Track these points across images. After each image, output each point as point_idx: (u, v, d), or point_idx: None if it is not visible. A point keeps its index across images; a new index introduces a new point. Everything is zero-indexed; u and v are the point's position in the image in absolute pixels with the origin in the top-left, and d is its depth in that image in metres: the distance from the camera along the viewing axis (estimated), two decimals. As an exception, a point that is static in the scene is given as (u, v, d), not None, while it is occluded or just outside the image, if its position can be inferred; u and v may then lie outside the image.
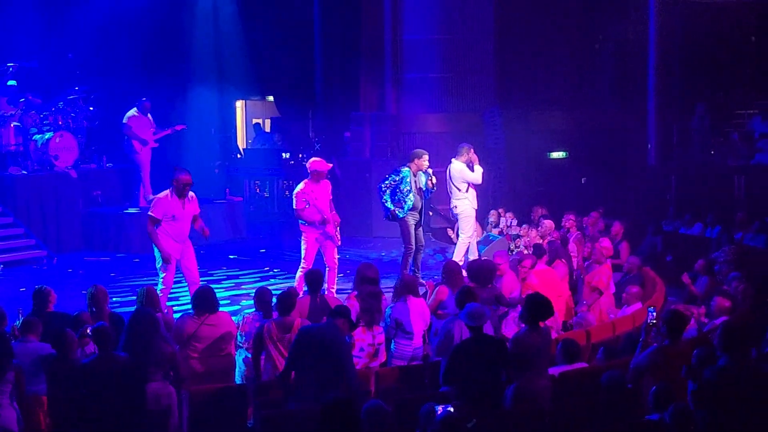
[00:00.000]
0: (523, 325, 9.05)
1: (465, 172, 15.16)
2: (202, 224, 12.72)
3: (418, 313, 10.76)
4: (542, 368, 8.84)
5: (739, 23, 25.00)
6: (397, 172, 14.33)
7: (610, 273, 14.05)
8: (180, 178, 12.44)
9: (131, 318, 9.03)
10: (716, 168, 22.26)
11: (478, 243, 15.86)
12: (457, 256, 15.03)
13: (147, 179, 18.54)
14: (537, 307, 8.99)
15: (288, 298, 9.90)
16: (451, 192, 15.42)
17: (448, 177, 15.39)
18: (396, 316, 10.62)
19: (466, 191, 15.17)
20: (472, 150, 15.32)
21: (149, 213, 12.51)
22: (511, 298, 12.13)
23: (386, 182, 14.29)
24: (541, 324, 9.01)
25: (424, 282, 13.42)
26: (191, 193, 12.64)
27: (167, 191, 12.53)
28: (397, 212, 14.20)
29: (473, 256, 14.93)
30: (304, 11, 23.87)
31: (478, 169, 15.23)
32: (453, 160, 15.34)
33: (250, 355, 10.12)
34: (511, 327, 11.53)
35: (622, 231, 16.46)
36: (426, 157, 14.46)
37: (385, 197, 14.22)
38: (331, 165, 13.66)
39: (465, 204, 15.22)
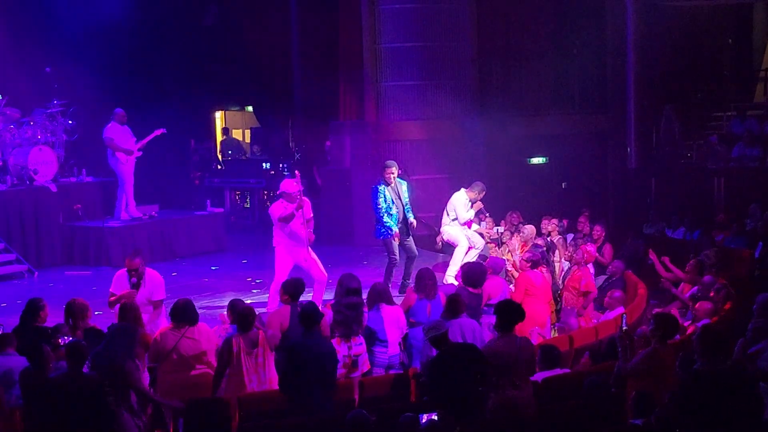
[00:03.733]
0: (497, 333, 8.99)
1: (460, 207, 14.96)
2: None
3: (393, 320, 10.77)
4: (520, 377, 8.72)
5: (716, 26, 25.11)
6: (376, 191, 14.24)
7: (590, 276, 14.08)
8: (127, 264, 11.78)
9: (112, 331, 9.01)
10: (696, 170, 22.34)
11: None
12: (453, 266, 14.85)
13: (131, 191, 18.46)
14: (509, 313, 8.94)
15: (248, 315, 9.83)
16: (444, 217, 15.32)
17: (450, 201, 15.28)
18: (369, 325, 10.63)
19: (454, 219, 15.10)
20: (483, 194, 15.05)
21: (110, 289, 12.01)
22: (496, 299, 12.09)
23: (377, 205, 14.20)
24: (518, 333, 8.96)
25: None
26: (156, 276, 11.94)
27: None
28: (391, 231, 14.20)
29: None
30: (281, 20, 23.86)
31: (471, 214, 15.03)
32: (463, 189, 15.20)
33: None
34: (485, 333, 11.51)
35: (604, 233, 16.50)
36: (392, 168, 14.24)
37: (386, 221, 14.18)
38: (301, 187, 13.41)
39: (453, 229, 15.12)
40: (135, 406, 8.88)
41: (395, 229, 14.17)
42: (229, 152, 25.86)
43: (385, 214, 14.12)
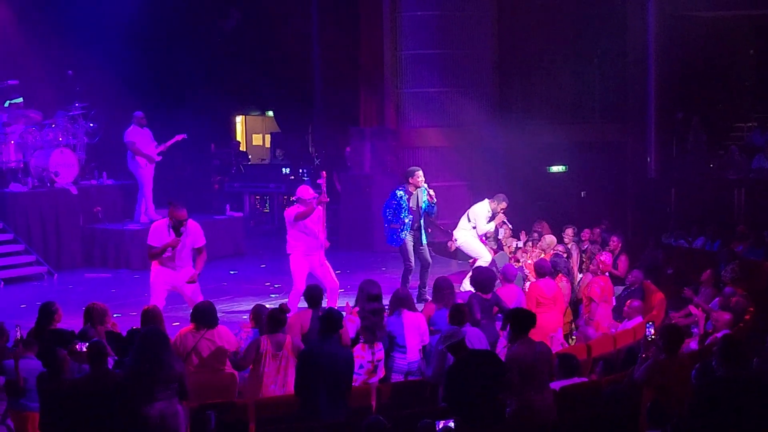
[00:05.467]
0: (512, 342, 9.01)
1: (480, 218, 15.04)
2: (195, 274, 12.48)
3: (413, 326, 10.76)
4: (540, 383, 8.73)
5: (737, 36, 25.03)
6: (393, 196, 14.31)
7: (605, 285, 14.03)
8: (175, 214, 12.32)
9: (142, 335, 8.98)
10: (716, 181, 22.28)
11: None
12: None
13: (150, 195, 18.53)
14: (520, 319, 8.97)
15: (278, 314, 9.88)
16: (463, 220, 15.35)
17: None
18: (389, 330, 10.64)
19: (473, 228, 15.13)
20: (504, 205, 15.11)
21: (147, 243, 12.45)
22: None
23: (388, 210, 14.27)
24: (534, 338, 8.97)
25: (428, 299, 13.44)
26: (195, 224, 12.57)
27: (165, 220, 12.49)
28: (401, 235, 14.24)
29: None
30: (303, 26, 23.92)
31: (491, 226, 15.11)
32: (486, 200, 15.24)
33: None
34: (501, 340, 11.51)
35: (621, 245, 16.47)
36: (420, 173, 14.41)
37: (397, 218, 14.22)
38: (316, 194, 13.48)
39: (469, 236, 15.14)
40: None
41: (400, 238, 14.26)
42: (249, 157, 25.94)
43: (398, 221, 14.17)
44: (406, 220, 14.22)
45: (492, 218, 15.11)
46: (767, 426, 7.44)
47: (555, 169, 22.80)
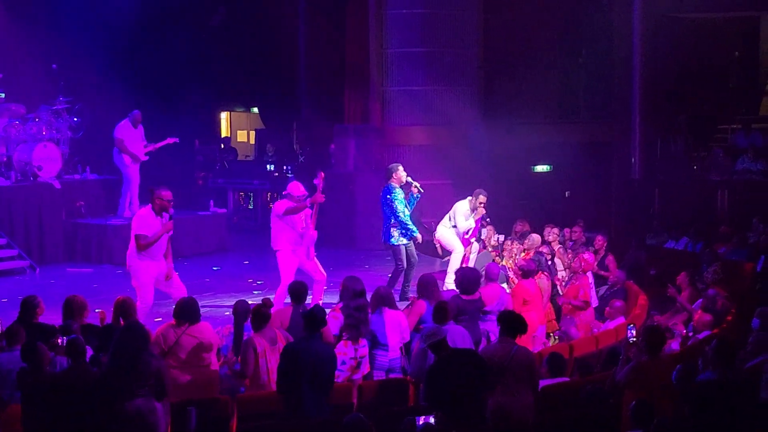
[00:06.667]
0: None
1: (459, 216, 14.95)
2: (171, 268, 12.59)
3: (394, 324, 10.77)
4: (514, 385, 8.70)
5: (722, 38, 25.10)
6: (390, 192, 14.25)
7: (588, 285, 14.06)
8: (162, 195, 12.33)
9: (122, 330, 8.94)
10: (700, 182, 22.35)
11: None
12: (451, 273, 14.79)
13: (136, 193, 18.49)
14: (511, 322, 8.99)
15: (263, 310, 9.87)
16: (445, 218, 15.32)
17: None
18: (371, 328, 10.64)
19: (453, 226, 15.09)
20: (483, 199, 14.96)
21: (136, 233, 12.40)
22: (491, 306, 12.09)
23: (398, 210, 14.21)
24: (518, 341, 8.96)
25: (410, 297, 13.45)
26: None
27: (147, 207, 12.47)
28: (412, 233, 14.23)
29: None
30: (289, 23, 23.88)
31: (470, 223, 14.97)
32: (468, 198, 15.18)
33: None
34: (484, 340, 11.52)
35: (605, 244, 16.49)
36: (401, 168, 14.40)
37: (407, 224, 14.21)
38: (306, 192, 13.47)
39: (447, 232, 15.12)
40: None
41: (417, 234, 14.23)
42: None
43: (405, 217, 14.16)
44: (407, 212, 14.22)
45: (473, 213, 15.05)
46: (755, 427, 7.47)
47: (540, 168, 22.84)
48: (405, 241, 14.33)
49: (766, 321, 10.25)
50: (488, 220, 15.57)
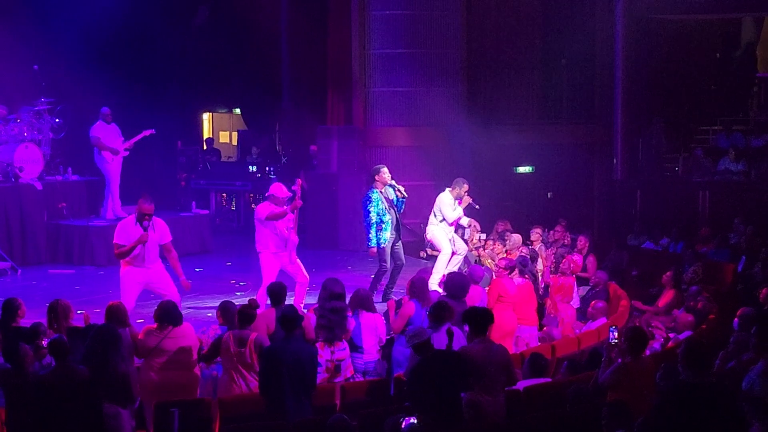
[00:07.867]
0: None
1: (446, 207, 14.69)
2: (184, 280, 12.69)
3: (370, 327, 10.79)
4: (491, 384, 8.79)
5: (704, 40, 25.21)
6: (369, 199, 14.15)
7: (572, 286, 14.12)
8: (142, 207, 12.28)
9: (93, 333, 8.94)
10: (681, 183, 22.44)
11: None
12: (437, 274, 14.74)
13: (116, 191, 18.43)
14: (477, 317, 9.05)
15: (248, 310, 9.88)
16: (431, 217, 15.21)
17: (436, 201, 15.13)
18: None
19: (441, 221, 14.92)
20: (466, 187, 14.86)
21: (114, 242, 12.41)
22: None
23: (370, 215, 14.11)
24: (492, 336, 9.02)
25: (393, 299, 13.43)
26: (160, 220, 12.55)
27: (132, 216, 12.48)
28: (381, 241, 14.13)
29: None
30: (271, 24, 23.85)
31: (458, 212, 14.77)
32: (447, 189, 15.05)
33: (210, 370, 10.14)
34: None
35: (588, 245, 16.54)
36: (385, 169, 14.28)
37: (371, 233, 14.12)
38: (290, 194, 13.44)
39: (438, 231, 14.96)
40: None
41: (383, 242, 14.11)
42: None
43: (374, 226, 14.04)
44: (386, 219, 14.09)
45: (459, 203, 14.95)
46: (729, 429, 7.48)
47: (522, 169, 22.88)
48: (385, 241, 14.19)
49: (747, 322, 10.30)
50: (478, 207, 15.32)
